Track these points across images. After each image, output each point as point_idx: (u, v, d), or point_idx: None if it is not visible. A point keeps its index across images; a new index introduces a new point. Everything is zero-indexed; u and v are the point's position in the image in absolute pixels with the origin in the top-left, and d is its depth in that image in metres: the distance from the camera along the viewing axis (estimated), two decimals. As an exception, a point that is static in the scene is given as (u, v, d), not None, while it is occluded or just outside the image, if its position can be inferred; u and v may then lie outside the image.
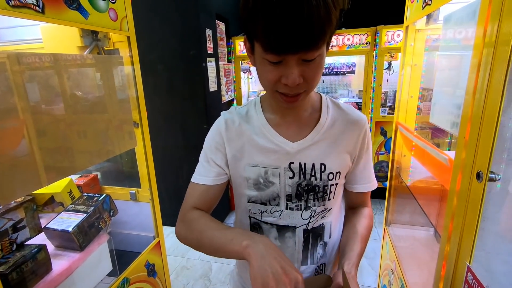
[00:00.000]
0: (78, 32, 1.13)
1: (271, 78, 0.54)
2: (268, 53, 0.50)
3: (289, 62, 0.50)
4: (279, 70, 0.52)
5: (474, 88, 0.64)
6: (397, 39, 2.82)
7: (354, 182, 0.74)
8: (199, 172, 0.71)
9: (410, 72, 1.41)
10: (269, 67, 0.53)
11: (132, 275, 1.30)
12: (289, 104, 0.58)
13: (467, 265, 0.65)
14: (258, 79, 0.59)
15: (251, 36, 0.53)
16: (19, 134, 0.86)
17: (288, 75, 0.51)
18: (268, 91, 0.59)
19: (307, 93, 0.58)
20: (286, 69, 0.51)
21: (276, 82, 0.54)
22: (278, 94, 0.57)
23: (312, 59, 0.51)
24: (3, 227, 0.87)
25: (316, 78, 0.54)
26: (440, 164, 0.90)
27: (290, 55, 0.49)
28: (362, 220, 0.72)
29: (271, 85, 0.55)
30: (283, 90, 0.55)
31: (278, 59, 0.50)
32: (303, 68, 0.51)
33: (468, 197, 0.66)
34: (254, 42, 0.53)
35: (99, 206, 1.14)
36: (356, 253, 0.63)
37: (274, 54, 0.49)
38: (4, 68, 0.83)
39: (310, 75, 0.53)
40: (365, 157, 0.72)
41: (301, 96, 0.57)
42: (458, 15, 0.78)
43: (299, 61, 0.51)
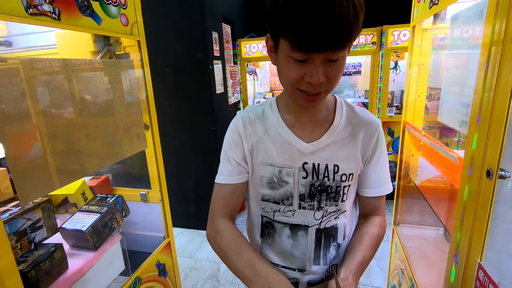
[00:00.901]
0: (91, 37, 1.16)
1: (295, 76, 0.55)
2: (296, 51, 0.51)
3: (314, 61, 0.52)
4: (303, 68, 0.54)
5: (483, 86, 0.65)
6: (403, 39, 2.81)
7: (365, 186, 0.73)
8: (221, 172, 0.73)
9: (418, 71, 1.41)
10: (293, 65, 0.54)
11: (144, 275, 1.32)
12: (309, 103, 0.60)
13: (478, 262, 0.65)
14: (279, 77, 0.61)
15: (277, 34, 0.54)
16: (34, 137, 0.90)
17: (313, 73, 0.53)
18: (289, 89, 0.60)
19: (327, 93, 0.59)
20: (311, 67, 0.53)
21: (299, 80, 0.55)
22: (299, 92, 0.58)
23: (336, 59, 0.52)
24: (22, 227, 0.90)
25: (338, 78, 0.56)
26: (450, 163, 0.90)
27: (317, 54, 0.51)
28: (370, 229, 0.71)
29: (293, 83, 0.57)
30: (305, 88, 0.56)
31: (304, 57, 0.52)
32: (326, 67, 0.53)
33: (478, 195, 0.66)
34: (279, 40, 0.54)
35: (112, 206, 1.17)
36: (356, 261, 0.62)
37: (302, 52, 0.51)
38: (17, 73, 0.86)
39: (333, 75, 0.55)
40: (377, 160, 0.71)
41: (322, 95, 0.59)
42: (465, 14, 0.78)
43: (324, 61, 0.52)
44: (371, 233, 0.69)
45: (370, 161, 0.71)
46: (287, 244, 0.74)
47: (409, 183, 1.50)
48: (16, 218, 0.89)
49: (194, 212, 2.88)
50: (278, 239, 0.74)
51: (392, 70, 2.96)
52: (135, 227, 1.60)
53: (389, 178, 0.74)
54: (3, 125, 0.79)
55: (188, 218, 2.88)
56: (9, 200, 1.14)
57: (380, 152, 0.71)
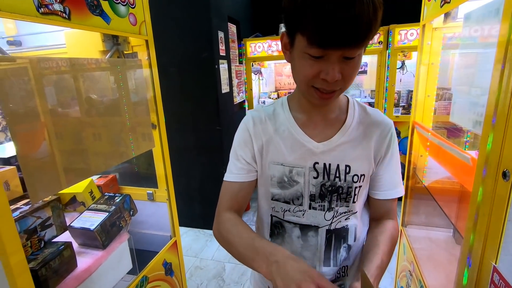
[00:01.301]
0: (100, 37, 1.17)
1: (310, 72, 0.54)
2: (313, 47, 0.50)
3: (331, 57, 0.51)
4: (319, 65, 0.53)
5: (499, 86, 0.64)
6: (411, 38, 2.78)
7: (376, 188, 0.72)
8: (230, 170, 0.73)
9: (427, 71, 1.39)
10: (309, 61, 0.53)
11: (151, 274, 1.32)
12: (323, 101, 0.59)
13: (493, 265, 0.64)
14: (293, 74, 0.61)
15: (294, 29, 0.54)
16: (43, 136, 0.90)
17: (329, 70, 0.52)
18: (303, 87, 0.59)
19: (341, 92, 0.59)
20: (327, 64, 0.52)
21: (314, 77, 0.55)
22: (313, 89, 0.57)
23: (352, 57, 0.52)
24: (32, 225, 0.90)
25: (353, 77, 0.55)
26: (462, 164, 0.89)
27: (334, 50, 0.50)
28: (386, 233, 0.68)
29: (308, 80, 0.56)
30: (320, 86, 0.56)
31: (321, 54, 0.51)
32: (342, 65, 0.52)
33: (494, 196, 0.65)
34: (295, 36, 0.54)
35: (120, 205, 1.18)
36: (375, 266, 0.60)
37: (319, 48, 0.50)
38: (26, 72, 0.86)
39: (349, 73, 0.54)
40: (389, 162, 0.70)
41: (336, 94, 0.58)
42: (479, 12, 0.77)
43: (340, 58, 0.52)
44: (387, 237, 0.67)
45: (382, 162, 0.70)
46: (297, 244, 0.73)
47: (418, 184, 1.49)
48: (27, 216, 0.90)
49: (199, 211, 2.88)
50: (288, 239, 0.74)
51: (399, 69, 2.94)
52: (141, 226, 1.61)
53: (401, 181, 0.72)
54: (15, 124, 0.80)
55: (193, 217, 2.89)
56: (18, 198, 1.14)
57: (392, 154, 0.70)
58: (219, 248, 2.60)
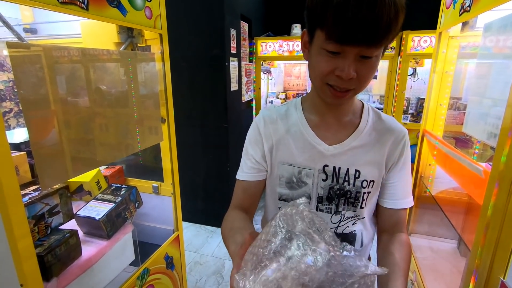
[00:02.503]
0: (116, 28, 1.17)
1: (326, 68, 0.54)
2: (331, 42, 0.51)
3: (347, 55, 0.51)
4: (335, 61, 0.53)
5: (517, 99, 0.63)
6: (424, 45, 2.75)
7: (386, 196, 0.70)
8: (242, 169, 0.74)
9: (441, 79, 1.38)
10: (326, 57, 0.54)
11: (152, 266, 1.33)
12: (336, 99, 0.59)
13: (501, 280, 0.63)
14: (309, 71, 0.61)
15: (314, 25, 0.54)
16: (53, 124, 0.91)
17: (344, 67, 0.52)
18: (318, 83, 0.59)
19: (355, 92, 0.58)
20: (343, 61, 0.52)
21: (329, 73, 0.55)
22: (327, 87, 0.57)
23: (369, 57, 0.52)
24: (40, 211, 0.91)
25: (368, 78, 0.55)
26: (472, 175, 0.88)
27: (351, 47, 0.50)
28: (401, 249, 0.64)
29: (323, 76, 0.56)
30: (334, 83, 0.55)
31: (338, 49, 0.51)
32: (358, 64, 0.52)
33: (506, 210, 0.64)
34: (315, 32, 0.54)
35: (126, 197, 1.18)
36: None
37: (337, 43, 0.50)
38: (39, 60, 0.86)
39: (364, 74, 0.54)
40: (401, 170, 0.69)
41: (349, 93, 0.57)
42: (501, 23, 0.76)
43: (357, 57, 0.52)
44: (403, 254, 0.63)
45: (394, 169, 0.69)
46: None
47: (424, 193, 1.47)
48: (35, 202, 0.91)
49: (202, 207, 2.89)
50: None
51: (410, 76, 2.91)
52: (145, 219, 1.62)
53: (411, 192, 0.71)
54: (29, 110, 0.81)
55: (196, 213, 2.90)
56: (27, 184, 1.16)
57: (405, 162, 0.69)
58: (220, 245, 2.61)
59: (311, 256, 0.38)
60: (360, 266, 0.39)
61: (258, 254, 0.40)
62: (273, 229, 0.42)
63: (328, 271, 0.39)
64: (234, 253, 0.48)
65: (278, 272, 0.38)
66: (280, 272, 0.37)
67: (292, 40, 3.11)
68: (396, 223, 0.70)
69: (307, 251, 0.39)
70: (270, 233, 0.42)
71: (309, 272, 0.38)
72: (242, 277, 0.39)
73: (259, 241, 0.42)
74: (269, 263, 0.38)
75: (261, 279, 0.37)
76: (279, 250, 0.39)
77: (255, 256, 0.40)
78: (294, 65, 3.85)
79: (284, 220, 0.42)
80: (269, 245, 0.40)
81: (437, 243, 1.51)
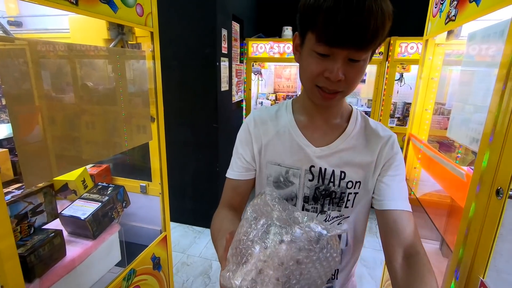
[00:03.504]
0: (106, 25, 1.15)
1: (315, 70, 0.56)
2: (320, 44, 0.53)
3: (336, 57, 0.53)
4: (324, 64, 0.55)
5: (499, 106, 0.65)
6: (411, 51, 2.83)
7: (383, 197, 0.66)
8: (232, 167, 0.75)
9: (427, 85, 1.42)
10: (316, 59, 0.55)
11: (139, 267, 1.31)
12: (325, 100, 0.60)
13: (481, 280, 0.66)
14: (300, 74, 0.62)
15: (305, 28, 0.56)
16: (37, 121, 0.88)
17: (333, 69, 0.54)
18: (308, 85, 0.61)
19: (343, 95, 0.60)
20: (332, 63, 0.54)
21: (319, 75, 0.56)
22: (317, 89, 0.59)
23: (358, 60, 0.54)
24: (23, 210, 0.89)
25: (356, 81, 0.57)
26: (455, 179, 0.91)
27: (340, 50, 0.52)
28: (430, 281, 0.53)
29: (312, 77, 0.58)
30: (323, 85, 0.57)
31: (327, 52, 0.53)
32: (347, 67, 0.54)
33: (486, 213, 0.67)
34: (306, 35, 0.56)
35: (113, 196, 1.16)
36: None
37: (326, 45, 0.52)
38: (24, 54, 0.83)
39: (352, 76, 0.55)
40: (393, 174, 0.67)
41: (338, 95, 0.59)
42: (484, 32, 0.79)
43: (346, 60, 0.54)
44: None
45: (387, 172, 0.67)
46: None
47: (410, 195, 1.51)
48: (18, 201, 0.88)
49: (190, 207, 2.87)
50: None
51: (396, 81, 2.98)
52: (132, 219, 1.59)
53: (407, 197, 0.67)
54: (13, 105, 0.78)
55: (184, 213, 2.87)
56: (9, 182, 1.12)
57: (397, 165, 0.67)
58: (207, 245, 2.60)
59: (285, 237, 0.42)
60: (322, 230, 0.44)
61: (238, 249, 0.44)
62: (246, 223, 0.45)
63: (300, 246, 0.42)
64: (222, 258, 0.50)
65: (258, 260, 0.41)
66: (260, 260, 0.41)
67: (283, 42, 3.13)
68: (401, 230, 0.61)
69: (281, 235, 0.42)
70: (244, 226, 0.45)
71: (284, 253, 0.41)
72: (227, 273, 0.43)
73: (237, 236, 0.46)
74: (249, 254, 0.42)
75: (242, 270, 0.41)
76: (255, 240, 0.43)
77: (236, 251, 0.44)
78: (285, 67, 3.88)
79: (254, 211, 0.47)
80: (247, 238, 0.43)
81: (420, 244, 1.55)
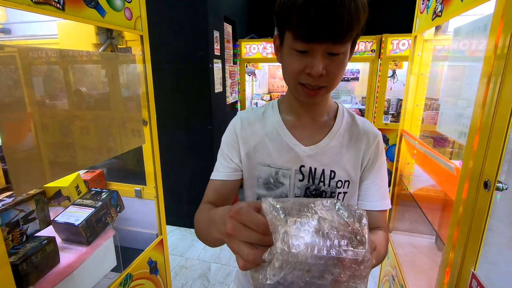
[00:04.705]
0: (94, 29, 1.15)
1: (296, 67, 0.56)
2: (298, 41, 0.53)
3: (315, 52, 0.54)
4: (304, 60, 0.55)
5: (484, 99, 0.66)
6: (402, 48, 2.85)
7: (363, 198, 0.70)
8: (216, 169, 0.74)
9: (417, 81, 1.43)
10: (295, 57, 0.56)
11: (135, 272, 1.30)
12: (309, 97, 0.60)
13: (472, 272, 0.67)
14: (283, 73, 0.62)
15: (283, 27, 0.57)
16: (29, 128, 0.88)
17: (313, 64, 0.54)
18: (291, 84, 0.61)
19: (327, 90, 0.60)
20: (312, 59, 0.54)
21: (300, 72, 0.57)
22: (300, 86, 0.59)
23: (337, 54, 0.54)
24: (14, 218, 0.88)
25: (338, 75, 0.57)
26: (446, 173, 0.92)
27: (318, 45, 0.53)
28: (376, 234, 0.63)
29: (294, 75, 0.58)
30: (306, 81, 0.57)
31: (306, 48, 0.54)
32: (327, 62, 0.55)
33: (475, 205, 0.67)
34: (284, 34, 0.57)
35: (106, 201, 1.16)
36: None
37: (304, 42, 0.53)
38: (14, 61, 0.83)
39: (333, 70, 0.56)
40: (377, 172, 0.69)
41: (322, 91, 0.59)
42: (469, 27, 0.80)
43: (325, 54, 0.54)
44: (378, 236, 0.62)
45: (369, 172, 0.69)
46: None
47: (403, 191, 1.52)
48: (9, 209, 0.87)
49: (187, 210, 2.86)
50: None
51: (389, 78, 3.00)
52: (127, 223, 1.58)
53: (388, 195, 0.71)
54: (1, 113, 0.78)
55: (180, 216, 2.86)
56: (0, 190, 1.11)
57: (380, 164, 0.70)
58: (205, 248, 2.59)
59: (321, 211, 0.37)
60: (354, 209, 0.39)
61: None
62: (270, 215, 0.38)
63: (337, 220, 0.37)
64: (224, 212, 0.46)
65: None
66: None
67: (275, 42, 3.14)
68: (374, 224, 0.68)
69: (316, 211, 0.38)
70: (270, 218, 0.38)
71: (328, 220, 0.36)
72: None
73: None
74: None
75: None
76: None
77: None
78: (279, 67, 3.88)
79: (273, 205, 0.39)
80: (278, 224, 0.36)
81: (416, 239, 1.57)
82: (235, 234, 0.40)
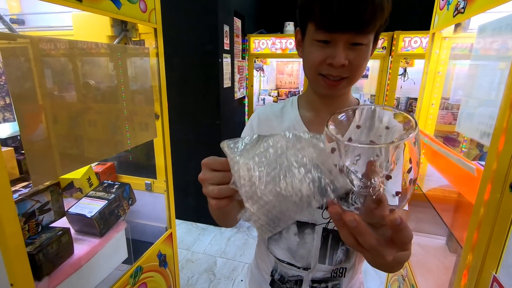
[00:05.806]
0: (109, 21, 1.14)
1: (318, 58, 0.56)
2: (320, 32, 0.53)
3: (337, 42, 0.53)
4: (326, 50, 0.55)
5: (511, 99, 0.64)
6: (414, 46, 2.80)
7: None
8: None
9: (433, 80, 1.40)
10: (317, 47, 0.55)
11: (145, 264, 1.31)
12: (330, 89, 0.59)
13: (493, 275, 0.66)
14: (304, 66, 0.62)
15: (305, 20, 0.56)
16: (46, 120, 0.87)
17: (335, 54, 0.53)
18: (311, 75, 0.60)
19: (349, 81, 0.59)
20: (334, 49, 0.54)
21: (321, 63, 0.56)
22: (320, 77, 0.58)
23: (360, 44, 0.53)
24: (31, 208, 0.88)
25: (361, 66, 0.56)
26: (464, 173, 0.90)
27: (340, 34, 0.52)
28: None
29: (315, 66, 0.57)
30: (326, 72, 0.56)
31: (328, 38, 0.53)
32: (349, 52, 0.54)
33: (499, 207, 0.66)
34: (307, 27, 0.56)
35: (119, 194, 1.16)
36: None
37: (326, 31, 0.52)
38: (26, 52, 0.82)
39: (355, 61, 0.55)
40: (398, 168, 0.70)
41: (343, 82, 0.58)
42: (495, 25, 0.78)
43: (347, 44, 0.53)
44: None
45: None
46: (293, 241, 0.73)
47: (416, 191, 1.50)
48: (26, 200, 0.88)
49: (194, 204, 2.87)
50: (285, 235, 0.74)
51: (400, 76, 2.96)
52: (137, 216, 1.59)
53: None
54: (20, 104, 0.78)
55: (187, 210, 2.88)
56: (14, 180, 1.12)
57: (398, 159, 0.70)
58: (212, 242, 2.60)
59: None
60: None
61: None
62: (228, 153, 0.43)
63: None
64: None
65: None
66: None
67: (285, 38, 3.11)
68: None
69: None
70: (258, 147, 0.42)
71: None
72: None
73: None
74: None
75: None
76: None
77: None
78: (287, 63, 3.85)
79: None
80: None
81: (425, 239, 1.55)
82: (205, 178, 0.45)
